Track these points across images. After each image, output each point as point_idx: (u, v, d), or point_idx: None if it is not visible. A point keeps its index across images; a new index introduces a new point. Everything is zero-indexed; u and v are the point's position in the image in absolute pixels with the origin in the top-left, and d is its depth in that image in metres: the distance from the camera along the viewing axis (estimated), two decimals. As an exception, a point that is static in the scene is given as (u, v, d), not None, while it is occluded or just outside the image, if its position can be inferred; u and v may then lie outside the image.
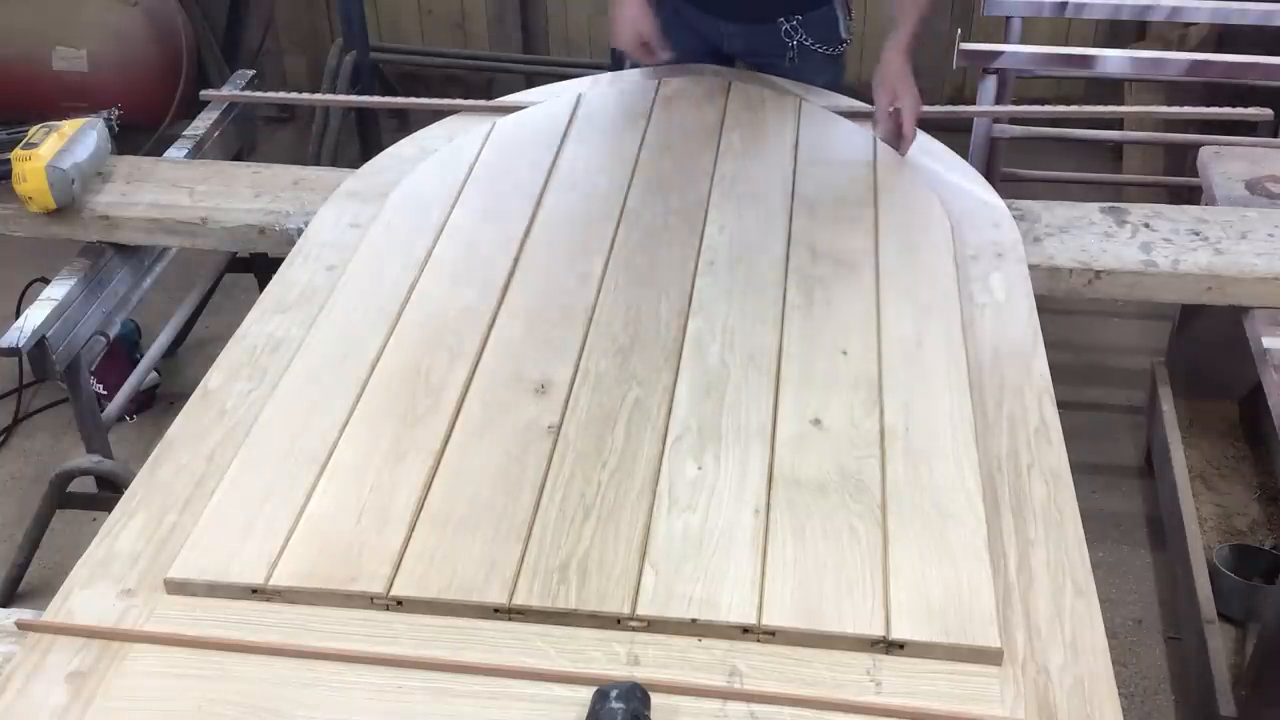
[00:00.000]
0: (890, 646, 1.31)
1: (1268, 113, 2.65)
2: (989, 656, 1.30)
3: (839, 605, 1.35)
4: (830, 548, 1.42)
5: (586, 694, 1.23)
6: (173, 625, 1.36)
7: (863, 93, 2.48)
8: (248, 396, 1.71)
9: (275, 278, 1.99)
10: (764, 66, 2.58)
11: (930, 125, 2.46)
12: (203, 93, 3.01)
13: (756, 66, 2.60)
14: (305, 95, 3.03)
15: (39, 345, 2.29)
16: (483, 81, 4.61)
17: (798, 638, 1.32)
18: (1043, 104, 2.92)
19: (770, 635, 1.32)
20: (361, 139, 4.08)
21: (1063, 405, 1.68)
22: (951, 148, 2.37)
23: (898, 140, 2.28)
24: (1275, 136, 3.09)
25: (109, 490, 2.55)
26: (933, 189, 2.16)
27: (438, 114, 2.57)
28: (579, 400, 1.66)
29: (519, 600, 1.35)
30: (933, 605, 1.34)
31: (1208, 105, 2.80)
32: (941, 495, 1.49)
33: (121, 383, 2.91)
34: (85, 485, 2.61)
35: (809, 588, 1.37)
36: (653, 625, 1.34)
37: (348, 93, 3.92)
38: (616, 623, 1.34)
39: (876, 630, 1.32)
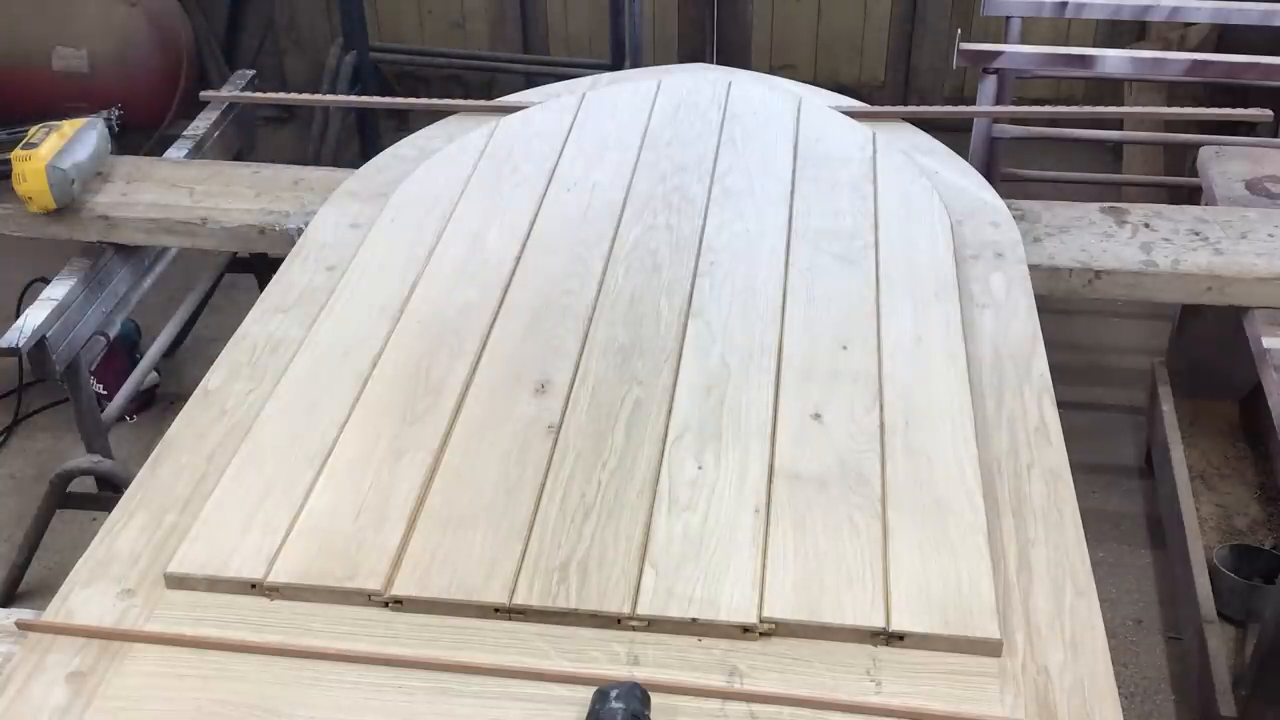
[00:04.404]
0: (890, 638, 1.31)
1: (1268, 113, 2.65)
2: (988, 648, 1.30)
3: (839, 597, 1.35)
4: (830, 541, 1.42)
5: (586, 694, 1.23)
6: (172, 625, 1.36)
7: (862, 93, 2.48)
8: (248, 396, 1.71)
9: (275, 278, 1.98)
10: None
11: (930, 125, 2.46)
12: (203, 93, 3.01)
13: None
14: (305, 95, 3.03)
15: (39, 345, 2.30)
16: (483, 81, 4.61)
17: (798, 629, 1.32)
18: (1043, 104, 2.93)
19: (771, 628, 1.32)
20: (361, 139, 4.09)
21: (1063, 405, 1.68)
22: (951, 148, 2.37)
23: None
24: (1275, 136, 3.09)
25: (109, 490, 2.55)
26: (933, 188, 2.16)
27: (438, 114, 2.58)
28: (579, 400, 1.66)
29: (519, 600, 1.35)
30: (932, 597, 1.35)
31: (1208, 105, 2.80)
32: (941, 489, 1.49)
33: (121, 383, 2.91)
34: (85, 485, 2.61)
35: (809, 580, 1.37)
36: (653, 625, 1.34)
37: (348, 93, 3.92)
38: (616, 623, 1.34)
39: (877, 622, 1.32)
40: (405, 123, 4.20)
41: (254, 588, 1.39)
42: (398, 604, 1.37)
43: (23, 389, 3.18)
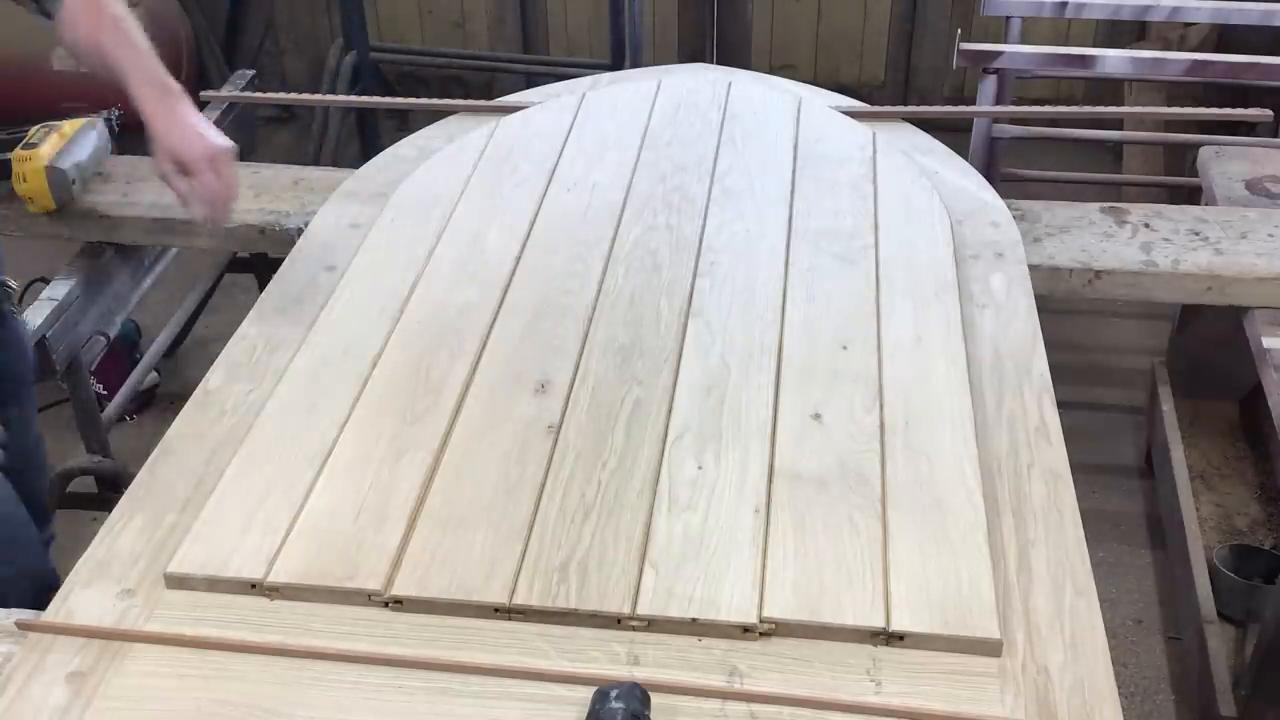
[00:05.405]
0: (890, 638, 1.31)
1: (1268, 113, 2.65)
2: (989, 648, 1.30)
3: (839, 598, 1.35)
4: (830, 541, 1.42)
5: (586, 694, 1.23)
6: (172, 625, 1.36)
7: (862, 93, 2.48)
8: (248, 396, 1.71)
9: (275, 278, 1.98)
10: None
11: (930, 125, 2.46)
12: (203, 93, 3.01)
13: None
14: (305, 95, 3.03)
15: (39, 345, 2.29)
16: (483, 81, 4.61)
17: (798, 630, 1.32)
18: (1043, 104, 2.93)
19: (771, 628, 1.32)
20: (361, 139, 4.09)
21: (1063, 405, 1.68)
22: (951, 148, 2.37)
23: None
24: (1275, 136, 3.09)
25: (109, 490, 2.55)
26: (933, 188, 2.16)
27: (438, 114, 2.57)
28: (579, 400, 1.66)
29: (519, 600, 1.35)
30: (932, 597, 1.34)
31: (1208, 105, 2.80)
32: (941, 489, 1.49)
33: (121, 383, 2.91)
34: (85, 485, 2.61)
35: (809, 580, 1.37)
36: (653, 625, 1.34)
37: (348, 93, 3.92)
38: (617, 623, 1.34)
39: (877, 622, 1.32)
40: (405, 123, 4.20)
41: (254, 588, 1.39)
42: (398, 604, 1.37)
43: (23, 389, 3.18)
